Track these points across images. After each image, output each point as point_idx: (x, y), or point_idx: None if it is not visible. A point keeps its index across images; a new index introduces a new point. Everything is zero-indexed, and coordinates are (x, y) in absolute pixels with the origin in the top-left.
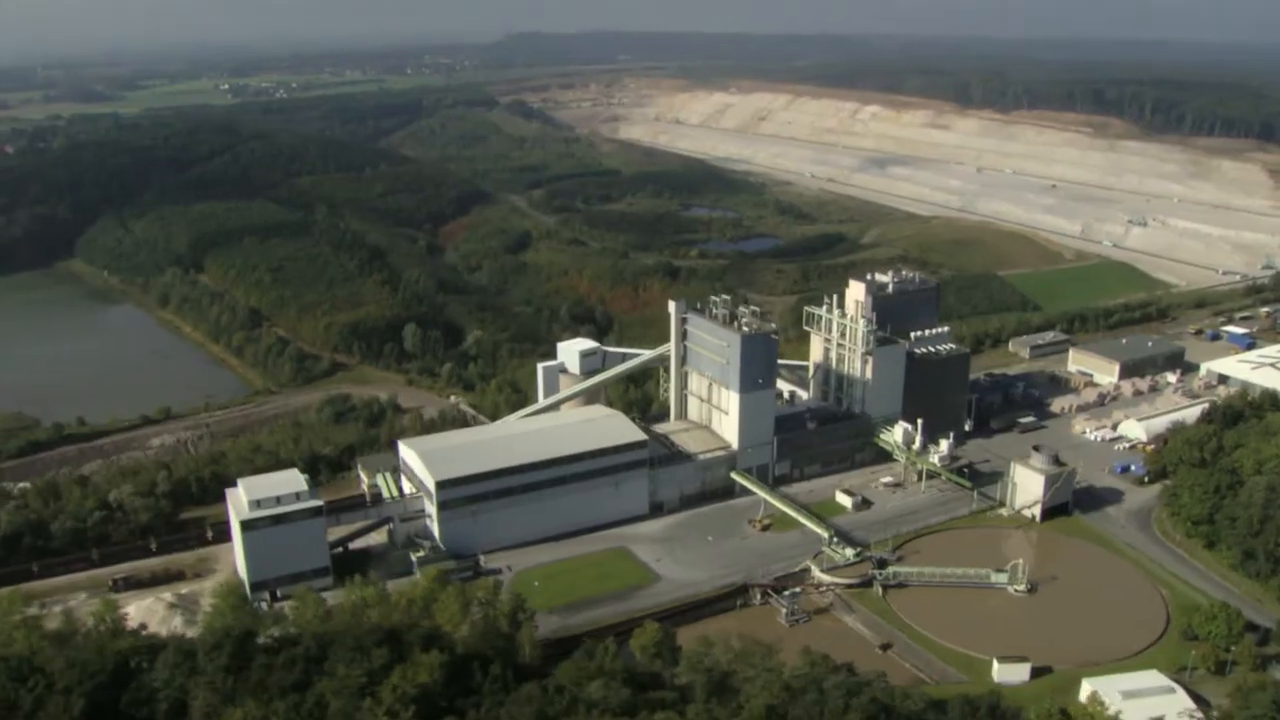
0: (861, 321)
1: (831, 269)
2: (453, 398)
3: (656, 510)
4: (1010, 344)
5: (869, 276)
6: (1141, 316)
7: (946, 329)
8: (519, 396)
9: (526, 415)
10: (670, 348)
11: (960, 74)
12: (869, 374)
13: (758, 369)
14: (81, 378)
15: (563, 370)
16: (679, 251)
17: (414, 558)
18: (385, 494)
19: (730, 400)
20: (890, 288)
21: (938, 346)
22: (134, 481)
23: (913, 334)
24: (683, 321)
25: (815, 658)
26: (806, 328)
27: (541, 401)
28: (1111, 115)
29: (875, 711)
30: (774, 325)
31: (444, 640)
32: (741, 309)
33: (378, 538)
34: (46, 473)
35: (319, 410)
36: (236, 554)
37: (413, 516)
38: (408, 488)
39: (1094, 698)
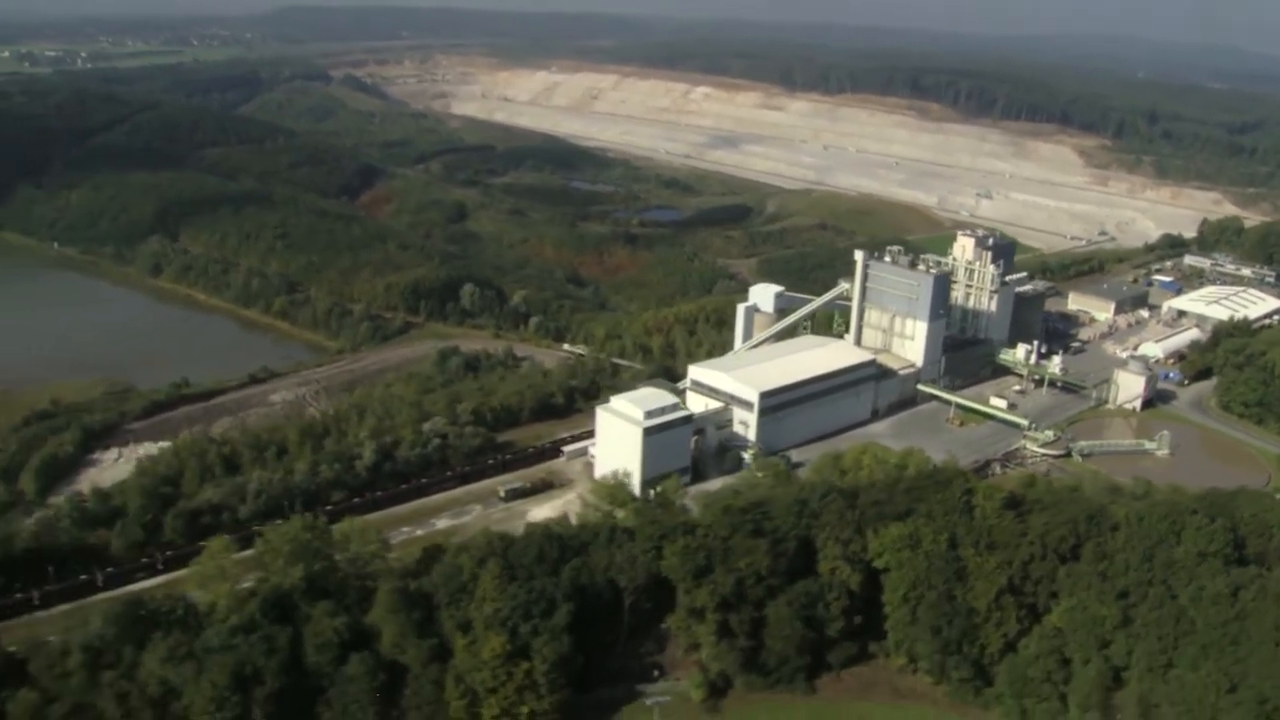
0: (991, 266)
1: (769, 235)
2: (565, 347)
3: (874, 415)
4: None
5: (973, 233)
6: (1089, 270)
7: (1025, 274)
8: (621, 345)
9: (754, 346)
10: (852, 288)
11: (780, 59)
12: (994, 307)
13: (939, 303)
14: (123, 346)
15: (756, 310)
16: (619, 221)
17: (746, 456)
18: None
19: (917, 328)
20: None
21: (1022, 288)
22: (444, 414)
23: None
24: (865, 266)
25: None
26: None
27: (755, 337)
28: (929, 100)
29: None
30: (949, 268)
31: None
32: (924, 256)
33: None
34: (180, 431)
35: (440, 362)
36: (600, 460)
37: (724, 424)
38: (696, 404)
39: None
